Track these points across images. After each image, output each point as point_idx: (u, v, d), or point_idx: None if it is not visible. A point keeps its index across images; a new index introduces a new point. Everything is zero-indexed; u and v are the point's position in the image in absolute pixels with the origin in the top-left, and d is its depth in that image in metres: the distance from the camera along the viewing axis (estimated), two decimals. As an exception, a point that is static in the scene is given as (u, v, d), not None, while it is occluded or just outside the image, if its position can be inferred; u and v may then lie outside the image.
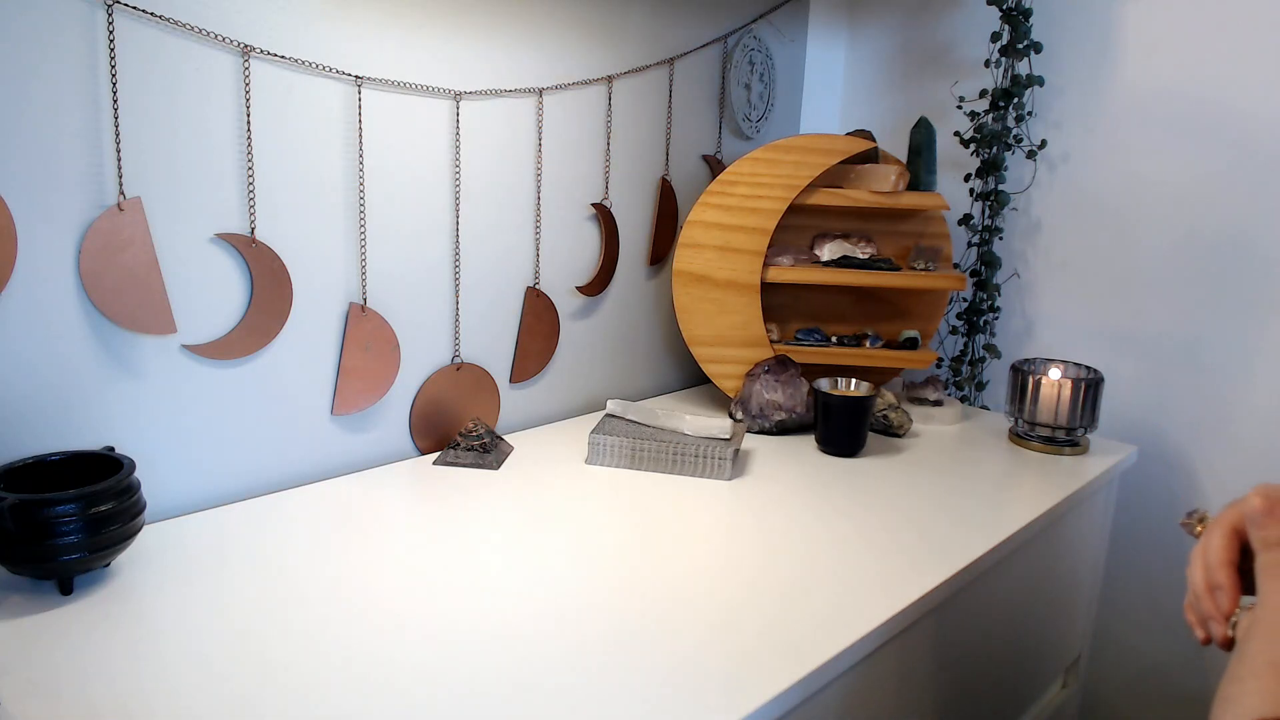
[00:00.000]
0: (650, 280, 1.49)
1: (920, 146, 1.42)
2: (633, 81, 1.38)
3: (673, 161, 1.47)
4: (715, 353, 1.41)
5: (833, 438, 1.25)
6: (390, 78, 1.08)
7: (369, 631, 0.75)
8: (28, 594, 0.78)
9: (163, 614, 0.77)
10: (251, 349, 1.01)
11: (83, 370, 0.89)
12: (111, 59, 0.86)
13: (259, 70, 0.97)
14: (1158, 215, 1.43)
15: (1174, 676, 1.49)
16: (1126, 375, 1.48)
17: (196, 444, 0.99)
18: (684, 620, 0.79)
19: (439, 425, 1.21)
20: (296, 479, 1.07)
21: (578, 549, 0.92)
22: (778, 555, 0.93)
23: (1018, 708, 1.22)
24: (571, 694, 0.68)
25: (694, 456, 1.14)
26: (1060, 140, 1.51)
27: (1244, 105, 1.33)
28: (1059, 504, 1.12)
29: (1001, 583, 1.07)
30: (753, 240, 1.37)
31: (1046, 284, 1.56)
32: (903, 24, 1.68)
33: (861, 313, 1.51)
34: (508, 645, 0.74)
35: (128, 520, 0.79)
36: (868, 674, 0.84)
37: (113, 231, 0.88)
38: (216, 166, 0.95)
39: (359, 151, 1.06)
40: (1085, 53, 1.47)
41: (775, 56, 1.63)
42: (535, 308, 1.30)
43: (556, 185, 1.30)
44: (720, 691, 0.69)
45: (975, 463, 1.25)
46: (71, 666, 0.69)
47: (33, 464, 0.82)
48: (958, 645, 1.01)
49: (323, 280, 1.06)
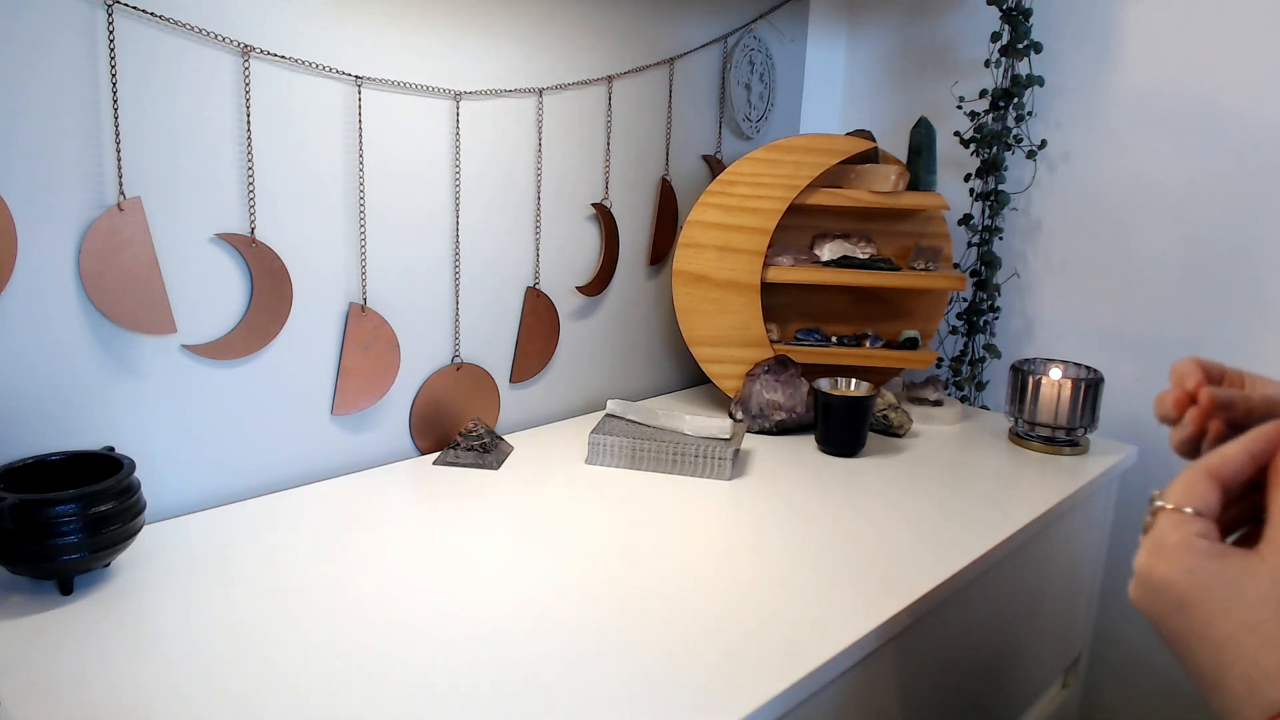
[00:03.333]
0: (650, 280, 1.49)
1: (920, 146, 1.42)
2: (633, 81, 1.38)
3: (673, 161, 1.47)
4: (715, 353, 1.41)
5: (833, 438, 1.25)
6: (390, 78, 1.08)
7: (369, 631, 0.75)
8: (28, 594, 0.78)
9: (163, 614, 0.77)
10: (251, 349, 1.01)
11: (83, 370, 0.89)
12: (111, 59, 0.86)
13: (259, 70, 0.97)
14: (1158, 215, 1.43)
15: (1174, 676, 1.49)
16: (1126, 375, 1.48)
17: (196, 444, 0.99)
18: (684, 620, 0.79)
19: (439, 425, 1.21)
20: (296, 479, 1.07)
21: (577, 549, 0.92)
22: (777, 555, 0.93)
23: (1018, 708, 1.22)
24: (572, 693, 0.68)
25: (694, 456, 1.14)
26: (1060, 140, 1.51)
27: (1245, 105, 1.33)
28: (1059, 504, 1.12)
29: (1002, 582, 1.07)
30: (753, 240, 1.37)
31: (1046, 284, 1.56)
32: (902, 24, 1.68)
33: (861, 313, 1.51)
34: (508, 645, 0.74)
35: (128, 520, 0.79)
36: (867, 674, 0.84)
37: (113, 231, 0.88)
38: (216, 166, 0.95)
39: (359, 151, 1.06)
40: (1085, 53, 1.47)
41: (775, 56, 1.63)
42: (535, 308, 1.30)
43: (556, 185, 1.30)
44: (720, 691, 0.69)
45: (975, 463, 1.25)
46: (71, 666, 0.69)
47: (33, 464, 0.82)
48: (958, 645, 1.01)
49: (323, 280, 1.06)
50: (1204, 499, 0.48)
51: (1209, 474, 0.49)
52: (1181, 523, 0.47)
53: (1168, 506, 0.48)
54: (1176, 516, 0.47)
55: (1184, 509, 0.47)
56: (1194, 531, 0.46)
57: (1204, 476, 0.49)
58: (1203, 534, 0.46)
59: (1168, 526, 0.47)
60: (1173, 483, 0.49)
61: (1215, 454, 0.49)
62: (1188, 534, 0.46)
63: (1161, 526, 0.48)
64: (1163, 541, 0.47)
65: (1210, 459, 0.49)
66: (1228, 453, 0.49)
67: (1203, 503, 0.48)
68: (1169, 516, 0.48)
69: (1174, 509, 0.48)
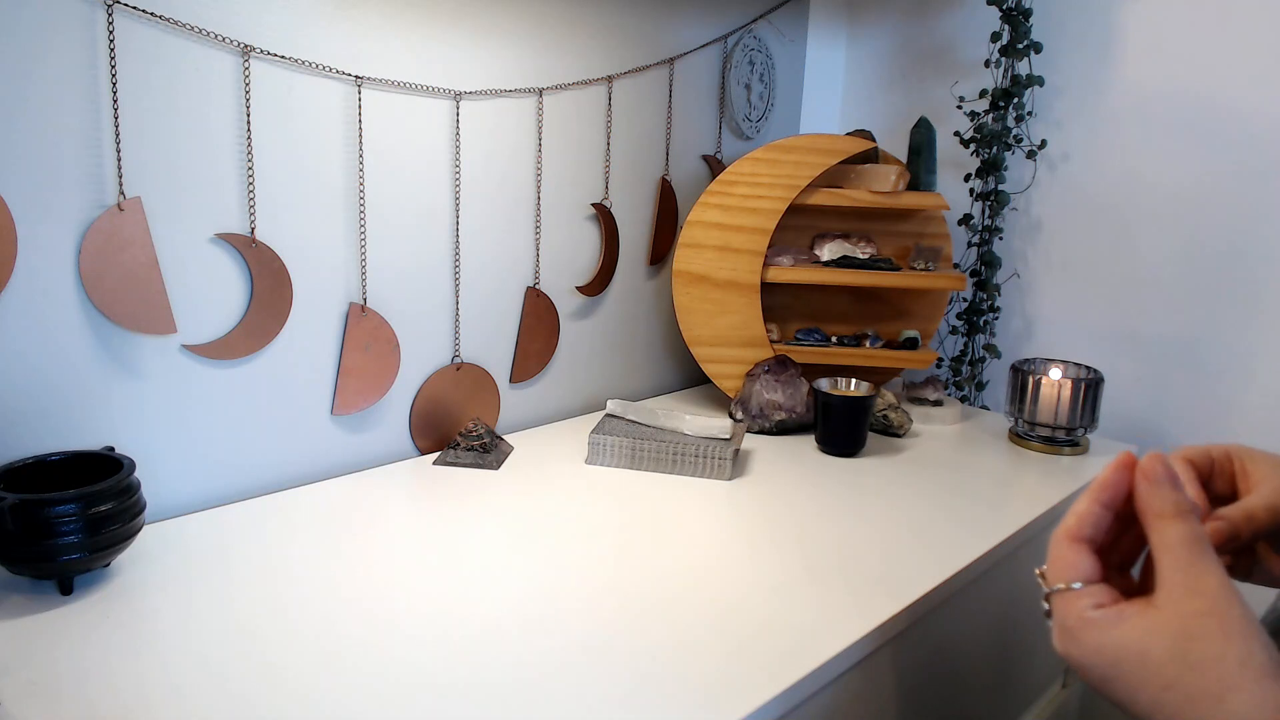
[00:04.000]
0: (650, 280, 1.49)
1: (920, 146, 1.42)
2: (633, 81, 1.38)
3: (673, 161, 1.47)
4: (715, 353, 1.41)
5: (833, 438, 1.25)
6: (390, 78, 1.08)
7: (369, 631, 0.75)
8: (28, 594, 0.78)
9: (163, 614, 0.77)
10: (251, 349, 1.01)
11: (83, 370, 0.89)
12: (111, 59, 0.86)
13: (259, 70, 0.97)
14: (1158, 215, 1.43)
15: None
16: (1126, 375, 1.48)
17: (196, 444, 0.99)
18: (683, 619, 0.79)
19: (439, 425, 1.21)
20: (296, 479, 1.07)
21: (578, 549, 0.92)
22: (777, 555, 0.93)
23: (1018, 708, 1.22)
24: (572, 693, 0.68)
25: (694, 456, 1.14)
26: (1060, 140, 1.51)
27: (1245, 105, 1.33)
28: (1059, 504, 1.12)
29: (1002, 583, 1.07)
30: (753, 240, 1.37)
31: (1046, 284, 1.56)
32: (902, 24, 1.68)
33: (861, 313, 1.51)
34: (508, 644, 0.74)
35: (128, 520, 0.79)
36: (867, 674, 0.84)
37: (113, 231, 0.88)
38: (216, 166, 0.95)
39: (359, 151, 1.06)
40: (1085, 53, 1.47)
41: (775, 56, 1.63)
42: (535, 308, 1.30)
43: (556, 185, 1.30)
44: (720, 691, 0.69)
45: (975, 463, 1.25)
46: (71, 666, 0.69)
47: (33, 464, 0.82)
48: (958, 646, 1.01)
49: (323, 280, 1.06)
50: (1078, 568, 0.48)
51: (1072, 540, 0.49)
52: (1071, 601, 0.48)
53: (1058, 588, 0.49)
54: (1065, 596, 0.48)
55: (1071, 585, 0.48)
56: (1087, 606, 0.47)
57: (1069, 545, 0.49)
58: (1096, 604, 0.47)
59: (1062, 609, 0.48)
60: (1049, 560, 0.50)
61: (1070, 515, 0.50)
62: (1081, 610, 0.47)
63: (1058, 610, 0.48)
64: (1064, 625, 0.48)
65: (1068, 522, 0.50)
66: (1080, 510, 0.50)
67: (1080, 572, 0.48)
68: (1059, 599, 0.48)
69: (1063, 588, 0.48)
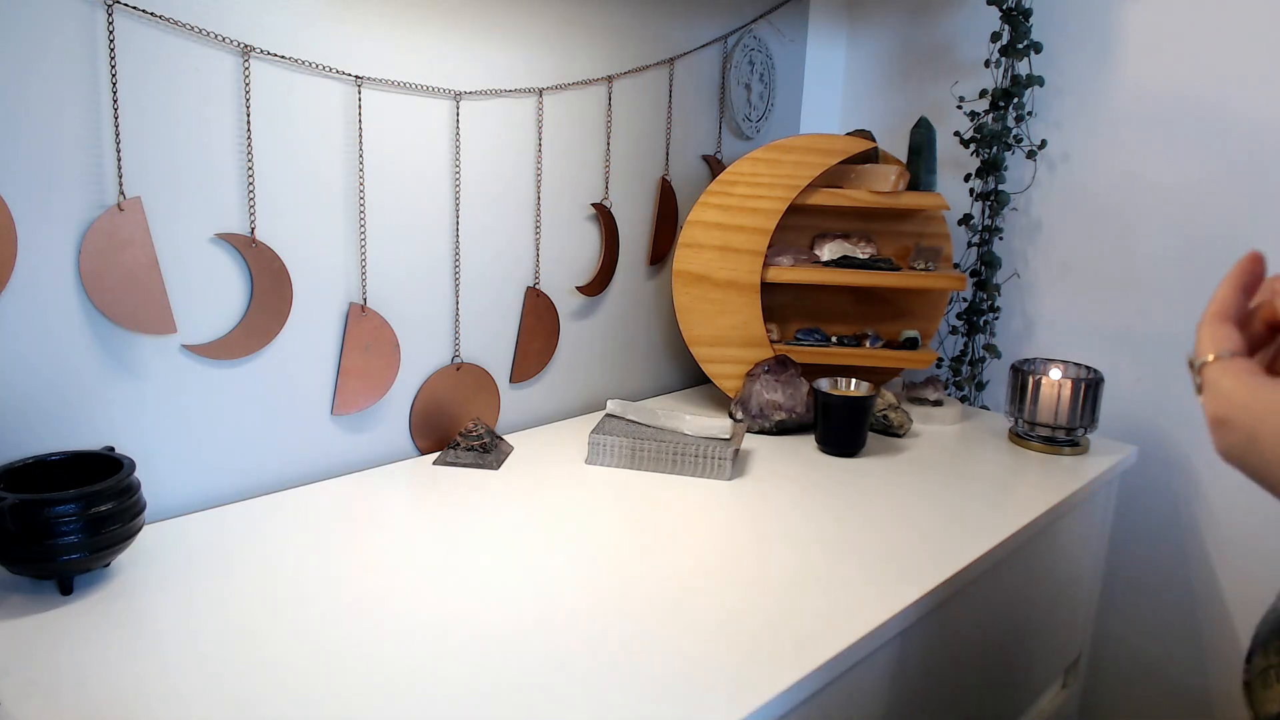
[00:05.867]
0: (650, 280, 1.49)
1: (920, 146, 1.42)
2: (633, 81, 1.38)
3: (673, 161, 1.47)
4: (715, 353, 1.41)
5: (833, 438, 1.25)
6: (390, 78, 1.08)
7: (369, 631, 0.75)
8: (28, 594, 0.79)
9: (163, 614, 0.77)
10: (251, 349, 1.01)
11: (83, 370, 0.89)
12: (111, 59, 0.86)
13: (259, 70, 0.97)
14: (1158, 215, 1.43)
15: (1174, 676, 1.49)
16: (1126, 375, 1.48)
17: (196, 444, 0.99)
18: (683, 620, 0.79)
19: (439, 425, 1.21)
20: (296, 479, 1.07)
21: (577, 549, 0.92)
22: (777, 555, 0.93)
23: (1018, 708, 1.22)
24: (572, 693, 0.68)
25: (694, 456, 1.14)
26: (1060, 140, 1.51)
27: (1245, 105, 1.33)
28: (1059, 504, 1.12)
29: (1001, 583, 1.07)
30: (753, 240, 1.37)
31: (1046, 284, 1.56)
32: (903, 24, 1.68)
33: (861, 313, 1.51)
34: (508, 645, 0.74)
35: (128, 520, 0.79)
36: (867, 674, 0.84)
37: (113, 231, 0.88)
38: (216, 166, 0.95)
39: (359, 152, 1.06)
40: (1085, 53, 1.47)
41: (775, 56, 1.63)
42: (535, 308, 1.30)
43: (556, 185, 1.30)
44: (720, 691, 0.69)
45: (975, 463, 1.25)
46: (71, 666, 0.69)
47: (33, 464, 0.82)
48: (957, 645, 1.01)
49: (323, 280, 1.06)
50: (1231, 339, 0.51)
51: (1221, 318, 0.52)
52: (1226, 366, 0.50)
53: (1209, 359, 0.51)
54: (1219, 364, 0.50)
55: (1222, 354, 0.51)
56: (1241, 370, 0.50)
57: (1219, 323, 0.52)
58: (1248, 369, 0.50)
59: (1217, 374, 0.50)
60: (1198, 340, 0.52)
61: (1214, 301, 0.53)
62: (1236, 372, 0.49)
63: (1211, 376, 0.51)
64: (1218, 388, 0.50)
65: (1212, 307, 0.53)
66: (1222, 295, 0.53)
67: (1233, 343, 0.51)
68: (1213, 367, 0.51)
69: (1215, 359, 0.51)
